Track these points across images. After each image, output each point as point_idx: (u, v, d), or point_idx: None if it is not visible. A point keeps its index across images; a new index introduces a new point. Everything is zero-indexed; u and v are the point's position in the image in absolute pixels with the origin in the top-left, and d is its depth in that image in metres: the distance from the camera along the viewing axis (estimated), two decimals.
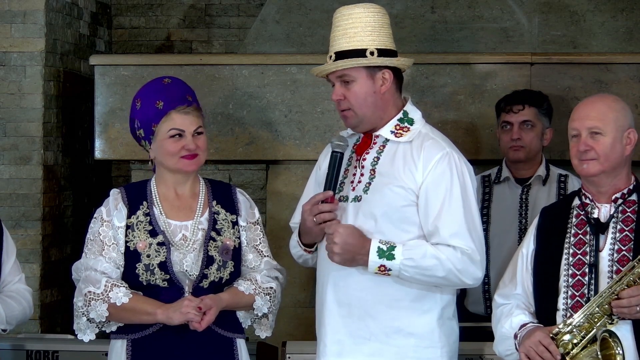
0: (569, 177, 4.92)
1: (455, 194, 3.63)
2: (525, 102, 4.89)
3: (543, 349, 3.47)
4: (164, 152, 3.83)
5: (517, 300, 3.68)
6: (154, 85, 3.90)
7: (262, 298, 3.85)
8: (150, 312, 3.74)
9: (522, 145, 4.86)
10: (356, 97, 3.70)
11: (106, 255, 3.80)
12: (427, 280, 3.63)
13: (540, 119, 4.90)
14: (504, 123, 4.90)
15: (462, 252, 3.60)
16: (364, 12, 3.70)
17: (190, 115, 3.81)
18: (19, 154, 5.83)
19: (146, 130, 3.85)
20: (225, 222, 3.88)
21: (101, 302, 3.74)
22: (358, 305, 3.69)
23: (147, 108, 3.83)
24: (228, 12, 7.15)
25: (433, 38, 5.93)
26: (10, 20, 5.81)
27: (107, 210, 3.87)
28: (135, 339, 3.80)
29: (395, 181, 3.66)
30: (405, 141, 3.71)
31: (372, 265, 3.60)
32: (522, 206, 4.90)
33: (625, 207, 3.59)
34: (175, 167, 3.84)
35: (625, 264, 3.50)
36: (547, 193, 4.90)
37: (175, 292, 3.78)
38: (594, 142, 3.56)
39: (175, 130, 3.80)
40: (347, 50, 3.67)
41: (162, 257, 3.78)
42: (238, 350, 3.87)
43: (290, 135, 5.56)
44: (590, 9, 5.90)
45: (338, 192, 3.73)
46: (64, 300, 6.07)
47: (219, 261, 3.82)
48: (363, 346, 3.69)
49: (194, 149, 3.81)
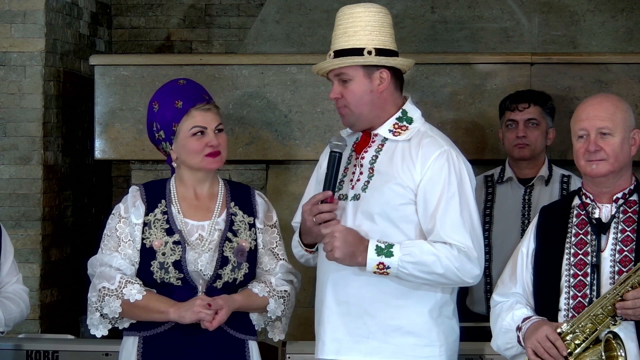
0: (571, 178, 4.93)
1: (452, 191, 3.64)
2: (531, 100, 4.91)
3: (550, 345, 3.45)
4: (188, 150, 3.82)
5: (517, 298, 3.68)
6: (170, 87, 3.90)
7: (276, 301, 3.85)
8: (162, 310, 3.74)
9: (528, 143, 4.87)
10: (353, 96, 3.70)
11: (122, 251, 3.81)
12: (425, 278, 3.62)
13: (545, 118, 4.92)
14: (509, 121, 4.91)
15: (458, 249, 3.60)
16: (364, 11, 3.71)
17: (211, 112, 3.83)
18: (19, 154, 5.83)
19: (167, 131, 3.84)
20: (242, 224, 3.88)
21: (115, 298, 3.75)
22: (357, 303, 3.69)
23: (166, 109, 3.83)
24: (228, 12, 7.15)
25: (433, 38, 5.93)
26: (10, 20, 5.81)
27: (125, 207, 3.87)
28: (147, 336, 3.80)
29: (393, 179, 3.66)
30: (404, 140, 3.71)
31: (370, 263, 3.60)
32: (524, 206, 4.91)
33: (626, 207, 3.58)
34: (199, 166, 3.84)
35: (627, 264, 3.49)
36: (549, 193, 4.90)
37: (189, 291, 3.78)
38: (604, 143, 3.54)
39: (198, 127, 3.80)
40: (345, 48, 3.69)
41: (177, 255, 3.78)
42: (249, 351, 3.87)
43: (290, 135, 5.56)
44: (590, 9, 5.90)
45: (338, 190, 3.73)
46: (64, 300, 6.07)
47: (234, 262, 3.82)
48: (361, 344, 3.69)
49: (217, 146, 3.81)
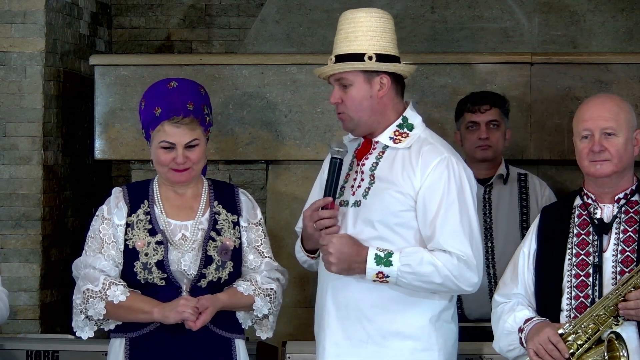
0: (528, 176, 5.00)
1: (451, 198, 3.63)
2: (491, 102, 4.95)
3: (552, 348, 3.45)
4: (156, 160, 3.85)
5: (519, 299, 3.68)
6: (159, 88, 3.89)
7: (262, 299, 3.84)
8: (146, 310, 3.75)
9: (490, 145, 4.90)
10: (352, 101, 3.70)
11: (105, 253, 3.81)
12: (424, 287, 3.62)
13: (503, 119, 4.97)
14: (470, 123, 4.94)
15: (457, 258, 3.59)
16: (366, 16, 3.71)
17: (183, 128, 3.78)
18: (19, 154, 5.83)
19: (146, 132, 3.88)
20: (225, 222, 3.88)
21: (99, 299, 3.75)
22: (356, 308, 3.69)
23: (147, 112, 3.84)
24: (228, 12, 7.15)
25: (433, 38, 5.92)
26: (10, 20, 5.80)
27: (108, 208, 3.88)
28: (133, 338, 3.81)
29: (393, 186, 3.66)
30: (404, 147, 3.71)
31: (369, 272, 3.60)
32: (485, 205, 4.94)
33: (628, 207, 3.58)
34: (165, 177, 3.86)
35: (629, 264, 3.49)
36: (509, 192, 4.96)
37: (173, 291, 3.78)
38: (608, 143, 3.54)
39: (166, 142, 3.80)
40: (346, 53, 3.68)
41: (159, 255, 3.78)
42: (236, 350, 3.87)
43: (290, 135, 5.56)
44: (590, 9, 5.90)
45: (339, 196, 3.73)
46: (64, 300, 6.07)
47: (218, 261, 3.82)
48: (360, 349, 3.69)
49: (183, 164, 3.80)
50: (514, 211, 4.90)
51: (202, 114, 3.85)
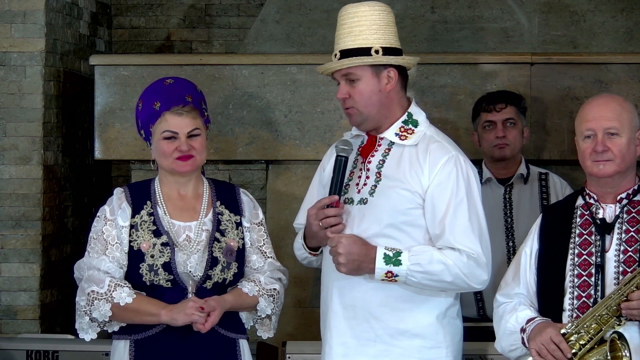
0: (549, 175, 4.99)
1: (460, 196, 3.63)
2: (507, 101, 4.95)
3: (554, 348, 3.45)
4: (159, 152, 3.84)
5: (521, 299, 3.67)
6: (154, 87, 3.92)
7: (266, 300, 3.85)
8: (154, 312, 3.74)
9: (507, 143, 4.90)
10: (361, 96, 3.69)
11: (110, 254, 3.80)
12: (433, 285, 3.63)
13: (520, 117, 4.96)
14: (487, 123, 4.94)
15: (467, 255, 3.60)
16: (369, 10, 3.71)
17: (185, 117, 3.80)
18: (19, 154, 5.82)
19: (146, 131, 3.87)
20: (229, 223, 3.88)
21: (104, 301, 3.73)
22: (363, 307, 3.69)
23: (146, 109, 3.85)
24: (228, 12, 7.15)
25: (433, 38, 5.93)
26: (10, 20, 5.80)
27: (110, 209, 3.86)
28: (138, 340, 3.79)
29: (401, 184, 3.66)
30: (411, 144, 3.71)
31: (379, 272, 3.60)
32: (506, 205, 4.93)
33: (630, 207, 3.58)
34: (169, 168, 3.84)
35: (631, 264, 3.49)
36: (529, 191, 4.95)
37: (179, 293, 3.77)
38: (611, 143, 3.54)
39: (169, 132, 3.80)
40: (352, 48, 3.67)
41: (166, 257, 3.77)
42: (241, 350, 3.87)
43: (290, 135, 5.56)
44: (590, 9, 5.90)
45: (343, 194, 3.73)
46: (64, 300, 6.07)
47: (223, 262, 3.82)
48: (368, 348, 3.69)
49: (187, 151, 3.80)
50: (534, 210, 4.86)
51: (201, 107, 3.88)
